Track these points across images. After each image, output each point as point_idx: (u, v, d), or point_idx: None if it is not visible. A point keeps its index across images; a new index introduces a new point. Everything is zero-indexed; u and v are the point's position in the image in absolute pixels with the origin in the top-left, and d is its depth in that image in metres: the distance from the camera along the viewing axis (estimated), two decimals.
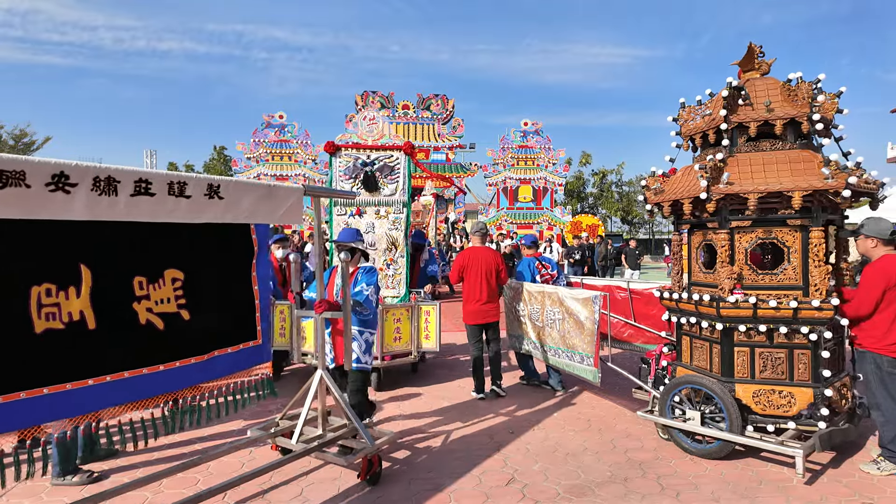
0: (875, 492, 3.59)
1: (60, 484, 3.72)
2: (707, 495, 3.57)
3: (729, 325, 3.99)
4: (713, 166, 3.92)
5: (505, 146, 24.01)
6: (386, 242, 6.28)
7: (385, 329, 5.76)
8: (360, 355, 4.19)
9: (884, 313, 3.72)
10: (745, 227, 4.00)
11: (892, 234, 3.80)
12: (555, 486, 3.76)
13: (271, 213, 3.21)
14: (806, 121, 3.93)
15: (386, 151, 6.34)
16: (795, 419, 3.85)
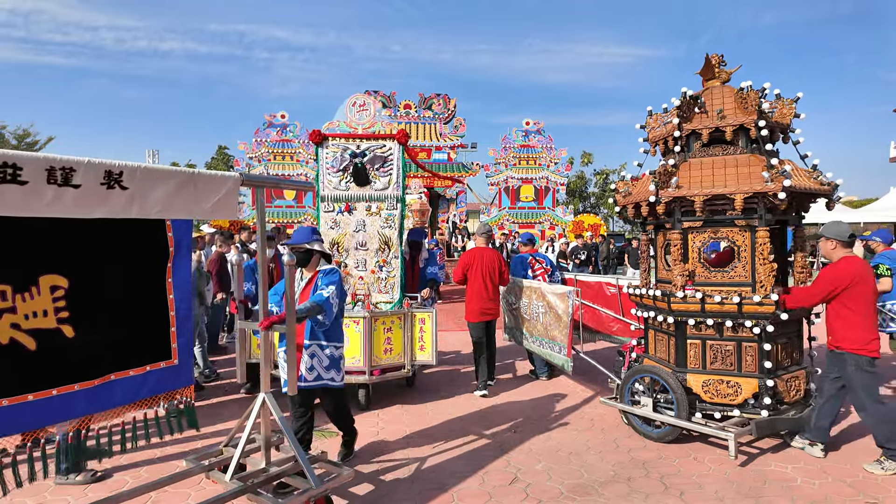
0: (880, 491, 3.67)
1: (64, 483, 3.81)
2: (711, 494, 3.65)
3: (679, 319, 4.40)
4: (663, 171, 4.34)
5: (507, 146, 24.37)
6: (378, 242, 5.84)
7: (374, 340, 5.33)
8: (321, 373, 3.83)
9: (857, 312, 3.97)
10: (696, 227, 4.41)
11: (850, 236, 4.13)
12: (558, 485, 3.83)
13: (194, 205, 2.70)
14: (754, 127, 4.32)
15: (377, 141, 5.85)
16: (741, 407, 4.25)
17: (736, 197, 4.11)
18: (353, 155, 5.85)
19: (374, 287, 5.84)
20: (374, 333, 5.35)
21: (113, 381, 2.70)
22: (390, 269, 5.88)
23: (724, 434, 4.02)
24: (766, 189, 4.05)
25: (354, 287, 5.77)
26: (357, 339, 5.23)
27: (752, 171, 4.22)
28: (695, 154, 4.57)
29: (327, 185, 5.87)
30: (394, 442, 4.64)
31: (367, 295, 5.68)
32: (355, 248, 5.85)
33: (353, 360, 5.15)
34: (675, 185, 4.33)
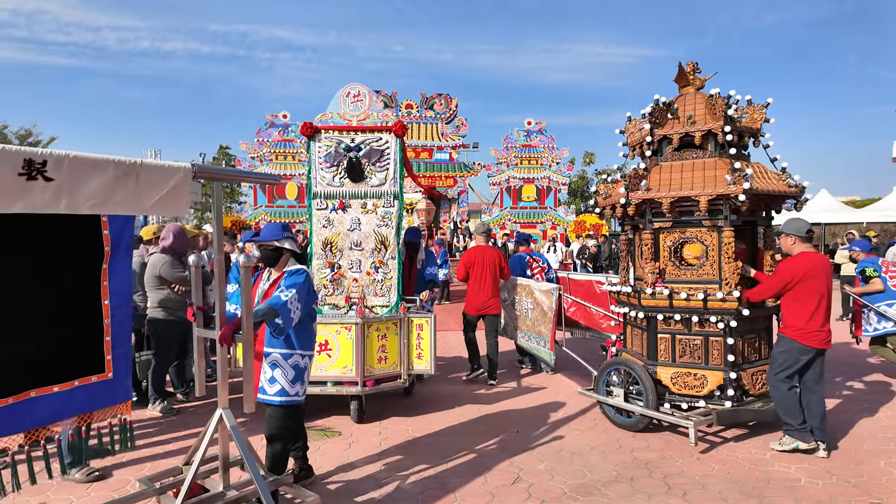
0: (884, 492, 3.71)
1: (67, 479, 3.91)
2: (714, 495, 3.69)
3: (650, 315, 4.70)
4: (633, 175, 4.65)
5: (508, 145, 24.68)
6: (374, 241, 5.54)
7: (367, 348, 5.04)
8: (285, 386, 3.45)
9: (804, 307, 4.27)
10: (667, 227, 4.72)
11: (807, 232, 4.42)
12: (561, 485, 3.87)
13: (135, 200, 2.45)
14: (721, 132, 4.62)
15: (373, 133, 5.54)
16: (707, 398, 4.55)
17: (701, 199, 4.41)
18: (347, 149, 5.53)
19: (370, 290, 5.55)
20: (367, 341, 5.03)
21: (34, 399, 2.45)
22: (387, 271, 5.54)
23: (686, 422, 4.33)
24: (728, 191, 4.35)
25: (349, 290, 5.54)
26: (349, 348, 4.99)
27: (717, 174, 4.52)
28: (667, 158, 4.88)
29: (320, 181, 5.58)
30: (395, 442, 4.71)
31: (362, 298, 5.43)
32: (350, 249, 5.54)
33: (344, 370, 4.98)
34: (644, 188, 4.64)
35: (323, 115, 5.64)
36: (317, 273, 5.51)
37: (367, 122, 5.57)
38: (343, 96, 5.62)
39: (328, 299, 5.51)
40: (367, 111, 5.59)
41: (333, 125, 5.58)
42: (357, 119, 5.59)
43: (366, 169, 5.55)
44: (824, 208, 20.29)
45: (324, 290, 5.51)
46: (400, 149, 5.52)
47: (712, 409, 4.47)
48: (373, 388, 5.07)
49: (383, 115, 5.62)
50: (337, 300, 5.51)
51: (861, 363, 7.28)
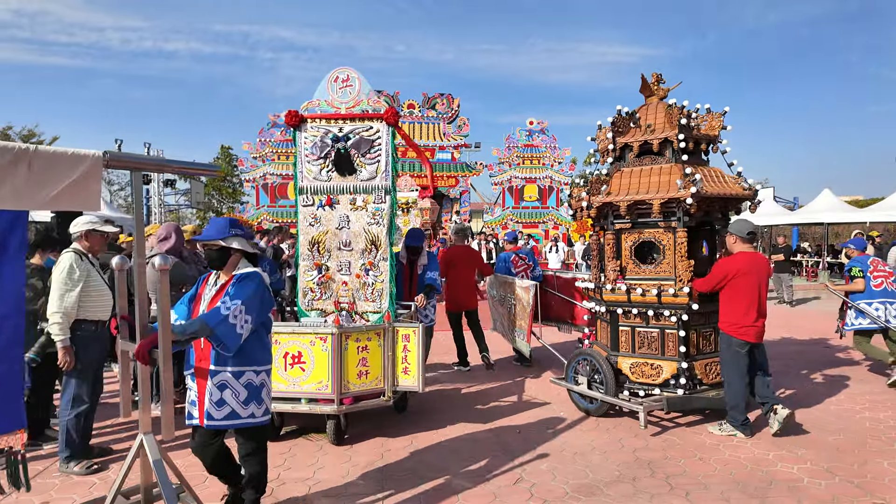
0: (887, 492, 3.76)
1: (65, 471, 4.08)
2: (717, 495, 3.73)
3: (611, 309, 5.20)
4: (595, 180, 5.15)
5: (510, 145, 25.16)
6: (364, 241, 5.18)
7: (345, 361, 4.62)
8: (236, 408, 3.08)
9: (737, 300, 4.74)
10: (627, 228, 5.21)
11: (748, 233, 4.89)
12: (563, 485, 3.92)
13: (29, 192, 2.19)
14: (676, 140, 5.11)
15: (363, 122, 5.16)
16: (662, 386, 5.05)
17: (654, 202, 4.90)
18: (335, 139, 5.15)
19: (360, 294, 5.19)
20: (345, 353, 4.61)
21: None
22: (378, 274, 5.16)
23: (638, 407, 4.82)
24: (679, 195, 4.83)
25: (338, 294, 5.24)
26: (324, 361, 4.56)
27: (671, 180, 5.00)
28: (629, 164, 5.37)
29: (306, 175, 5.22)
30: (396, 442, 4.80)
31: (352, 304, 5.17)
32: (338, 249, 5.21)
33: (319, 386, 4.58)
34: (604, 193, 5.14)
35: (309, 103, 5.25)
36: (303, 275, 5.27)
37: (356, 110, 5.15)
38: (331, 81, 5.19)
39: (315, 304, 5.24)
40: (357, 97, 5.16)
41: (320, 114, 5.20)
42: (346, 106, 5.17)
43: (355, 161, 5.18)
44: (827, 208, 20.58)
45: (311, 293, 5.25)
46: (392, 138, 5.14)
47: (665, 396, 4.96)
48: (351, 407, 4.64)
49: (375, 102, 5.17)
50: (325, 305, 5.24)
51: (862, 362, 7.46)
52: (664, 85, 5.53)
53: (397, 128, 5.19)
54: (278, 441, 4.76)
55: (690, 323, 5.00)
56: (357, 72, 5.19)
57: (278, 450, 4.52)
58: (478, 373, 7.05)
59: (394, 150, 5.19)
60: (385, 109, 5.13)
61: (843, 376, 6.75)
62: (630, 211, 5.07)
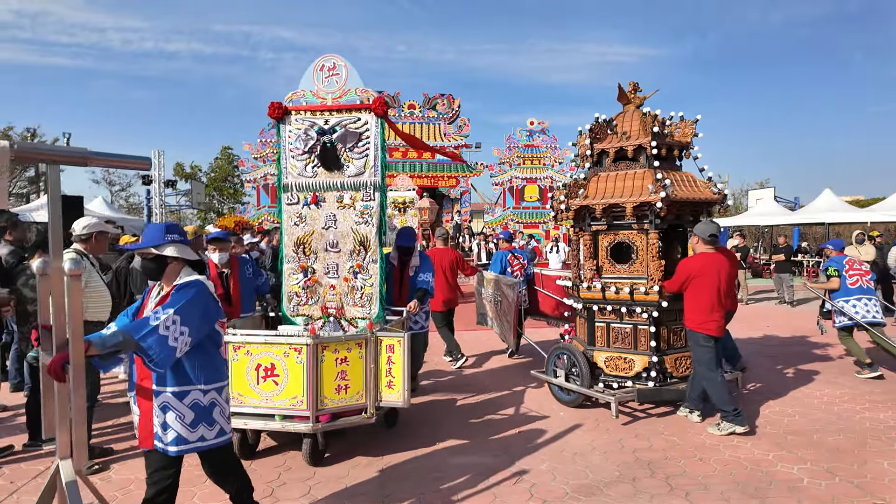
0: (887, 492, 3.81)
1: None
2: (717, 495, 3.78)
3: (587, 306, 5.59)
4: (573, 184, 5.53)
5: (511, 145, 25.55)
6: (352, 242, 4.95)
7: (322, 374, 4.28)
8: (181, 432, 2.87)
9: (698, 298, 5.11)
10: (603, 230, 5.59)
11: (710, 235, 5.25)
12: (563, 485, 3.97)
13: None
14: (648, 146, 5.48)
15: (350, 113, 4.89)
16: (634, 379, 5.43)
17: (627, 205, 5.28)
18: (321, 132, 4.90)
19: (349, 299, 4.96)
20: (321, 366, 4.28)
21: None
22: (367, 277, 4.91)
23: (610, 398, 5.20)
24: (650, 199, 5.21)
25: (325, 299, 5.02)
26: (299, 374, 4.23)
27: (644, 184, 5.38)
28: (606, 169, 5.76)
29: (290, 172, 5.02)
30: (396, 442, 4.87)
31: (340, 309, 4.96)
32: (325, 250, 5.01)
33: (294, 402, 4.25)
34: (582, 196, 5.53)
35: (294, 94, 5.02)
36: (288, 279, 5.08)
37: (343, 100, 4.89)
38: (316, 70, 4.95)
39: (301, 309, 5.06)
40: (344, 87, 4.90)
41: (305, 105, 4.98)
42: (332, 97, 4.91)
43: (342, 156, 4.93)
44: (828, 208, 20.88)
45: (296, 298, 5.07)
46: (382, 131, 4.88)
47: (637, 388, 5.34)
48: (328, 425, 4.32)
49: (363, 92, 4.88)
50: (312, 310, 5.05)
51: None
52: (640, 93, 5.91)
53: (387, 119, 4.92)
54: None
55: (661, 319, 5.38)
56: (344, 59, 4.92)
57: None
58: (474, 377, 7.05)
59: (383, 143, 4.92)
60: (373, 99, 4.84)
61: (842, 376, 6.86)
62: (606, 213, 5.45)
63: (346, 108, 4.94)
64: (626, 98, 5.99)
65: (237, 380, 4.29)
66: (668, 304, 5.29)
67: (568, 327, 6.45)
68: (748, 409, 5.47)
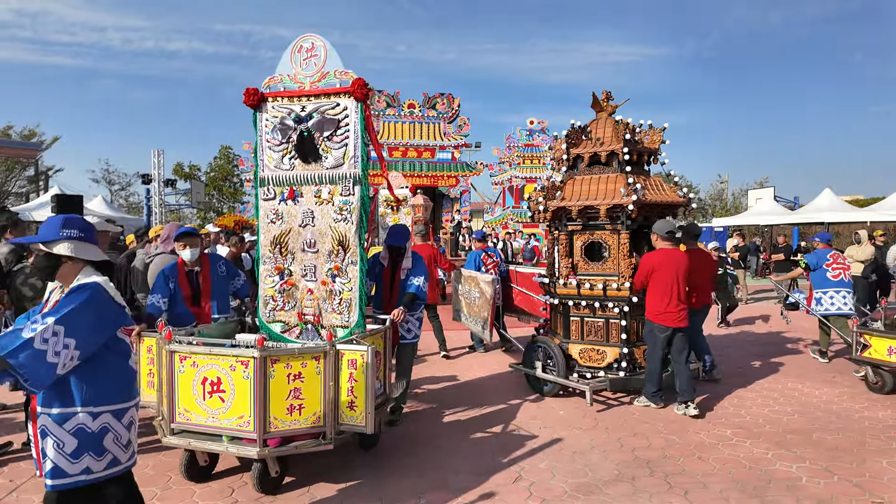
0: (886, 491, 3.87)
1: None
2: (716, 494, 3.84)
3: (563, 301, 6.08)
4: (550, 187, 6.02)
5: (511, 145, 26.07)
6: (331, 241, 4.55)
7: (271, 392, 3.82)
8: (60, 463, 2.51)
9: (657, 291, 5.59)
10: (578, 230, 6.08)
11: (667, 233, 5.70)
12: (562, 484, 4.01)
13: None
14: (621, 152, 5.96)
15: (328, 98, 4.52)
16: (606, 369, 5.91)
17: (601, 207, 5.76)
18: (298, 120, 4.56)
19: (327, 304, 4.57)
20: (270, 382, 3.82)
21: None
22: (346, 281, 4.52)
23: (584, 387, 5.68)
24: (622, 201, 5.69)
25: (302, 304, 4.66)
26: (246, 390, 3.81)
27: (616, 188, 5.86)
28: (581, 172, 6.24)
29: (267, 164, 4.69)
30: (395, 440, 4.92)
31: (318, 316, 4.60)
32: (302, 250, 4.64)
33: (241, 422, 3.83)
34: (559, 198, 6.02)
35: (271, 79, 4.68)
36: (264, 281, 4.73)
37: (321, 84, 4.54)
38: (294, 52, 4.59)
39: (277, 315, 4.70)
40: (323, 69, 4.53)
41: (283, 91, 4.63)
42: (310, 80, 4.56)
43: (319, 145, 4.56)
44: (828, 207, 21.30)
45: (272, 302, 4.71)
46: (362, 118, 4.46)
47: (609, 377, 5.83)
48: (278, 450, 3.86)
49: (342, 74, 4.49)
50: (288, 316, 4.69)
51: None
52: (613, 102, 6.40)
53: (366, 105, 4.50)
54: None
55: (631, 314, 5.86)
56: (324, 39, 4.54)
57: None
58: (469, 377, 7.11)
59: (363, 130, 4.49)
60: (352, 81, 4.42)
61: (841, 375, 7.04)
62: (581, 214, 5.93)
63: (324, 93, 4.55)
64: (600, 106, 6.48)
65: (183, 394, 3.96)
66: (637, 299, 5.77)
67: (543, 322, 6.93)
68: (747, 409, 5.72)
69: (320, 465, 4.36)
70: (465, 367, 7.53)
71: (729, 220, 23.46)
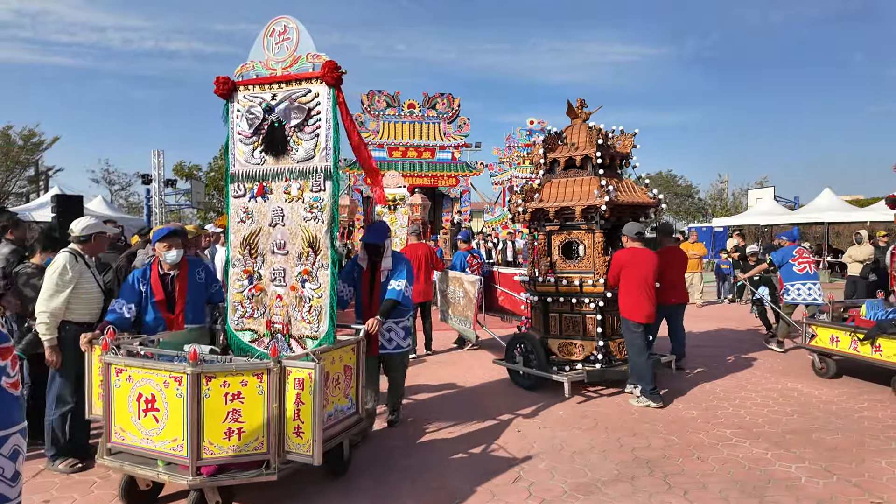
0: (885, 491, 3.89)
1: (51, 469, 4.24)
2: (715, 494, 3.88)
3: (542, 298, 6.52)
4: (529, 189, 6.47)
5: (511, 145, 26.47)
6: (301, 242, 4.22)
7: (205, 414, 3.47)
8: None
9: (627, 288, 5.95)
10: (555, 230, 6.52)
11: (637, 234, 6.06)
12: (561, 484, 4.05)
13: None
14: (594, 157, 6.41)
15: (301, 84, 4.21)
16: (583, 362, 6.33)
17: (576, 208, 6.19)
18: (268, 109, 4.28)
19: (297, 312, 4.22)
20: (205, 402, 3.47)
21: None
22: (315, 286, 4.16)
23: (562, 378, 6.10)
24: (596, 202, 6.12)
25: (271, 312, 4.32)
26: (179, 410, 3.49)
27: (590, 189, 6.28)
28: (557, 175, 6.68)
29: (238, 159, 4.41)
30: (393, 439, 5.01)
31: (287, 325, 4.26)
32: (272, 252, 4.32)
33: (174, 445, 3.52)
34: (537, 200, 6.47)
35: (243, 66, 4.39)
36: (232, 285, 4.44)
37: (293, 70, 4.23)
38: (266, 36, 4.31)
39: (246, 322, 4.38)
40: (295, 54, 4.23)
41: (255, 78, 4.35)
42: (282, 66, 4.27)
43: (290, 136, 4.24)
44: (828, 207, 21.66)
45: (241, 309, 4.39)
46: (334, 105, 4.12)
47: (586, 370, 6.27)
48: (212, 480, 3.50)
49: (314, 57, 4.15)
50: (257, 325, 4.37)
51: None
52: (587, 109, 6.85)
53: (339, 91, 4.12)
54: None
55: (606, 309, 6.25)
56: (297, 21, 4.24)
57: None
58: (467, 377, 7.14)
59: (336, 120, 4.13)
60: (322, 64, 4.08)
61: (840, 375, 7.04)
62: (558, 215, 6.35)
63: (297, 79, 4.23)
64: (574, 113, 6.92)
65: (119, 410, 3.68)
66: (611, 294, 6.18)
67: (524, 319, 7.38)
68: (746, 409, 5.82)
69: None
70: (466, 368, 7.67)
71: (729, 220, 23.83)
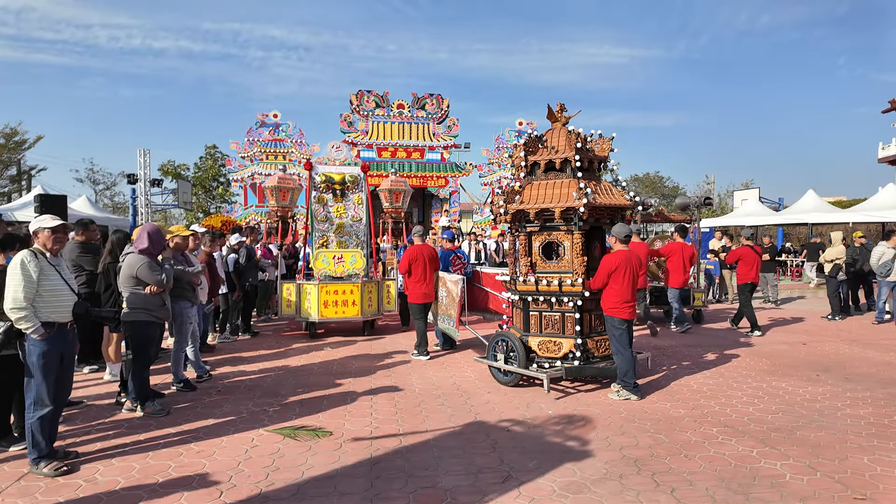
0: (868, 487, 4.04)
1: (35, 473, 4.31)
2: (702, 492, 3.98)
3: (523, 297, 6.80)
4: (510, 191, 6.75)
5: (500, 145, 26.74)
6: None
7: None
8: None
9: (614, 288, 6.35)
10: (536, 231, 6.80)
11: (624, 236, 6.45)
12: (550, 483, 4.15)
13: None
14: (573, 160, 6.69)
15: None
16: (563, 359, 6.63)
17: (556, 210, 6.48)
18: None
19: None
20: None
21: None
22: None
23: (541, 375, 6.40)
24: (574, 204, 6.41)
25: None
26: None
27: (569, 192, 6.58)
28: (538, 178, 6.97)
29: None
30: (387, 441, 5.07)
31: None
32: None
33: None
34: (518, 201, 6.74)
35: None
36: None
37: None
38: None
39: None
40: None
41: None
42: None
43: None
44: (811, 208, 22.12)
45: None
46: None
47: (565, 367, 6.55)
48: None
49: None
50: None
51: (847, 363, 8.07)
52: (566, 113, 7.13)
53: None
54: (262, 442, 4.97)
55: (584, 308, 6.59)
56: None
57: (266, 450, 4.80)
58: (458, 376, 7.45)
59: None
60: None
61: (825, 374, 7.37)
62: (538, 216, 6.65)
63: None
64: (554, 117, 7.22)
65: None
66: (590, 294, 6.51)
67: (506, 318, 7.64)
68: (732, 407, 5.98)
69: None
70: (455, 368, 7.89)
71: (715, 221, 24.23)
